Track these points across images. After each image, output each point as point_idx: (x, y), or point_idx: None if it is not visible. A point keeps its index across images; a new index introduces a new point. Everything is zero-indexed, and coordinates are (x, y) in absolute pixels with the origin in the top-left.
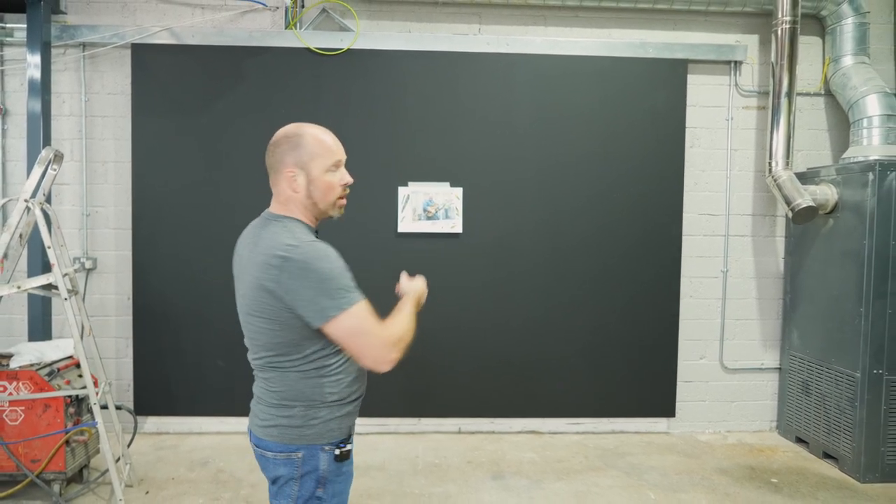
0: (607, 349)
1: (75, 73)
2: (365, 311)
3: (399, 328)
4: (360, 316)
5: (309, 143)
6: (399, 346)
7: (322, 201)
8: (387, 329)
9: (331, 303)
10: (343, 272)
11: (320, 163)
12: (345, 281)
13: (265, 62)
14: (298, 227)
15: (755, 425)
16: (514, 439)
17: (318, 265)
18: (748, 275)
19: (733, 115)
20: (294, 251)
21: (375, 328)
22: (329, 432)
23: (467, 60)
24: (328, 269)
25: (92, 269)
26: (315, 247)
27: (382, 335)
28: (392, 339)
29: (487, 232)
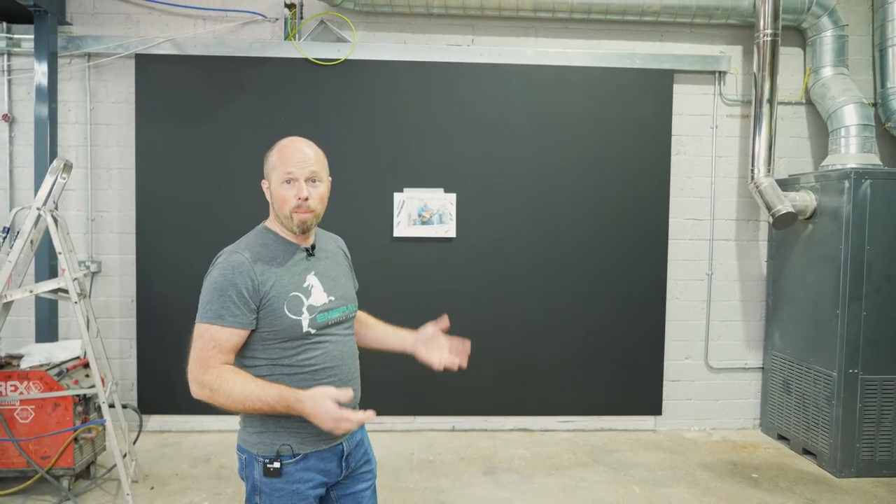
0: (596, 350)
1: (80, 83)
2: (207, 334)
3: (222, 385)
4: (199, 335)
5: (273, 154)
6: (203, 392)
7: (279, 212)
8: (205, 370)
9: (199, 309)
10: (225, 291)
11: (276, 175)
12: (217, 298)
13: (265, 72)
14: (254, 238)
15: (739, 423)
16: (507, 437)
17: (211, 274)
18: (732, 277)
19: (718, 123)
20: (217, 258)
21: (197, 355)
22: (261, 444)
23: (461, 70)
24: (211, 281)
25: (97, 273)
26: (225, 259)
27: (194, 367)
28: (199, 380)
29: (480, 236)
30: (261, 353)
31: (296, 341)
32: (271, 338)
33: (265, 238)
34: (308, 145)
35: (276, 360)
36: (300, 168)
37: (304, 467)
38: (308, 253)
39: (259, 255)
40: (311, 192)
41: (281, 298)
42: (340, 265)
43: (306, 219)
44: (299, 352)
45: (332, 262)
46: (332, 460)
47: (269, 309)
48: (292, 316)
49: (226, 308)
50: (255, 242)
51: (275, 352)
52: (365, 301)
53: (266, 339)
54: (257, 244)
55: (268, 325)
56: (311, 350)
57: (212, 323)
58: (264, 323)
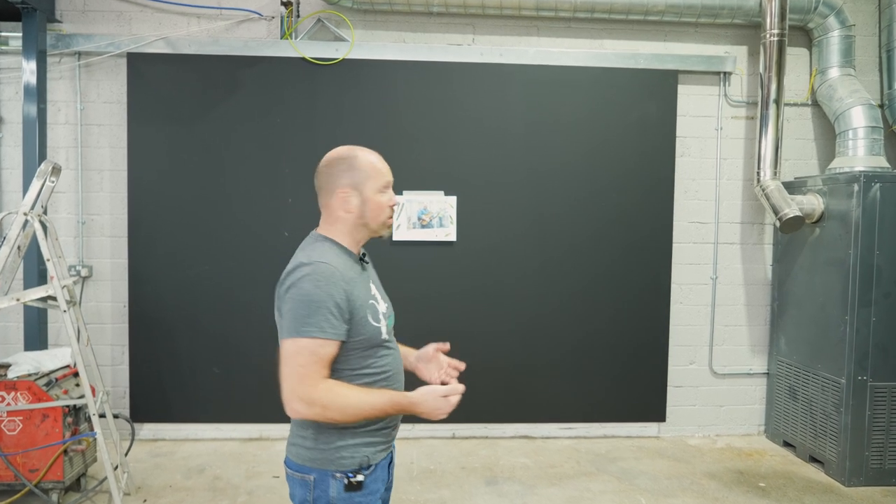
0: (599, 355)
1: (71, 82)
2: (309, 351)
3: (335, 400)
4: (298, 352)
5: (363, 165)
6: (312, 410)
7: (374, 221)
8: (314, 387)
9: (290, 324)
10: (323, 303)
11: (372, 184)
12: (317, 312)
13: (260, 72)
14: (328, 249)
15: (743, 429)
16: (508, 444)
17: (304, 285)
18: (737, 282)
19: (723, 124)
20: (300, 269)
21: (300, 372)
22: (339, 460)
23: (461, 70)
24: (304, 294)
25: (87, 277)
26: (317, 268)
27: (300, 385)
28: (307, 398)
29: (481, 240)
30: (342, 364)
31: (375, 349)
32: (355, 347)
33: (338, 249)
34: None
35: (356, 369)
36: (391, 176)
37: (374, 477)
38: (363, 262)
39: (343, 266)
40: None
41: (364, 307)
42: (376, 274)
43: (392, 223)
44: (378, 358)
45: (373, 270)
46: (385, 468)
47: (357, 318)
48: (374, 323)
49: (325, 320)
50: (330, 252)
51: (356, 360)
52: None
53: (349, 349)
54: (332, 254)
55: (355, 334)
56: (385, 356)
57: (312, 337)
58: (353, 332)
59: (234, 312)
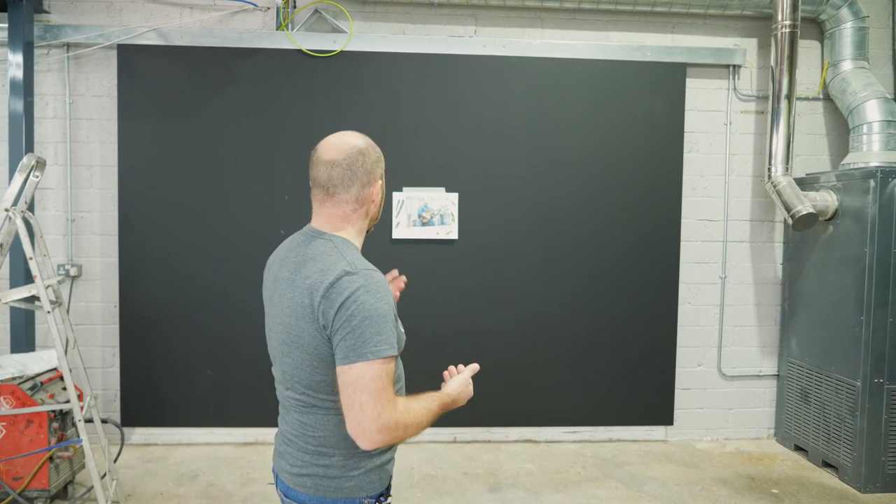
0: (605, 356)
1: (59, 75)
2: (385, 371)
3: (412, 418)
4: (376, 374)
5: (380, 157)
6: (394, 435)
7: (376, 216)
8: (395, 409)
9: (358, 345)
10: (388, 314)
11: (382, 175)
12: (386, 326)
13: (256, 64)
14: (351, 250)
15: (753, 432)
16: (511, 448)
17: (365, 298)
18: (746, 281)
19: (732, 119)
20: (347, 280)
21: (382, 397)
22: (369, 484)
23: (463, 63)
24: (373, 308)
25: (77, 277)
26: (371, 277)
27: (384, 410)
28: (392, 422)
29: (484, 238)
30: None
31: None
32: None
33: (356, 251)
34: None
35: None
36: None
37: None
38: None
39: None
40: None
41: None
42: None
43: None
44: (398, 365)
45: None
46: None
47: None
48: (401, 329)
49: (392, 335)
50: (361, 257)
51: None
52: None
53: None
54: (364, 259)
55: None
56: (399, 362)
57: (385, 357)
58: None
59: (229, 312)
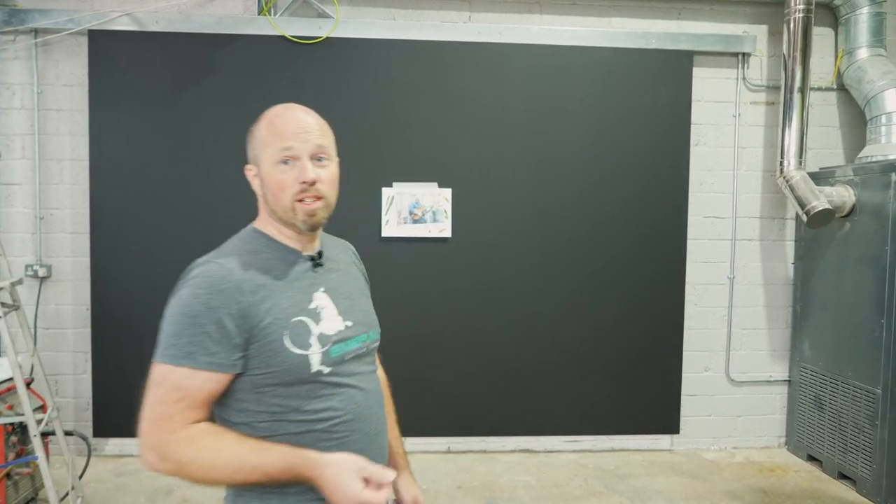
0: (607, 361)
1: (27, 63)
2: (172, 383)
3: (196, 455)
4: (158, 382)
5: (262, 128)
6: (163, 466)
7: (275, 205)
8: (170, 435)
9: (159, 346)
10: (196, 318)
11: (268, 153)
12: (186, 329)
13: (236, 51)
14: (242, 242)
15: (763, 441)
16: (508, 459)
17: (180, 294)
18: (756, 281)
19: (741, 110)
20: (190, 271)
21: (156, 411)
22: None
23: (457, 50)
24: (179, 305)
25: (46, 277)
26: (207, 270)
27: (152, 429)
28: (159, 448)
29: (479, 236)
30: (254, 405)
31: (303, 385)
32: (268, 382)
33: (256, 243)
34: (308, 113)
35: (277, 415)
36: (302, 141)
37: None
38: (314, 262)
39: (249, 266)
40: (318, 173)
41: (281, 326)
42: (356, 279)
43: (315, 209)
44: (309, 400)
45: (344, 274)
46: None
47: (264, 342)
48: (297, 350)
49: (198, 343)
50: (242, 249)
51: (274, 402)
52: None
53: (261, 385)
54: (245, 252)
55: (263, 365)
56: (326, 397)
57: (178, 364)
58: (258, 362)
59: None
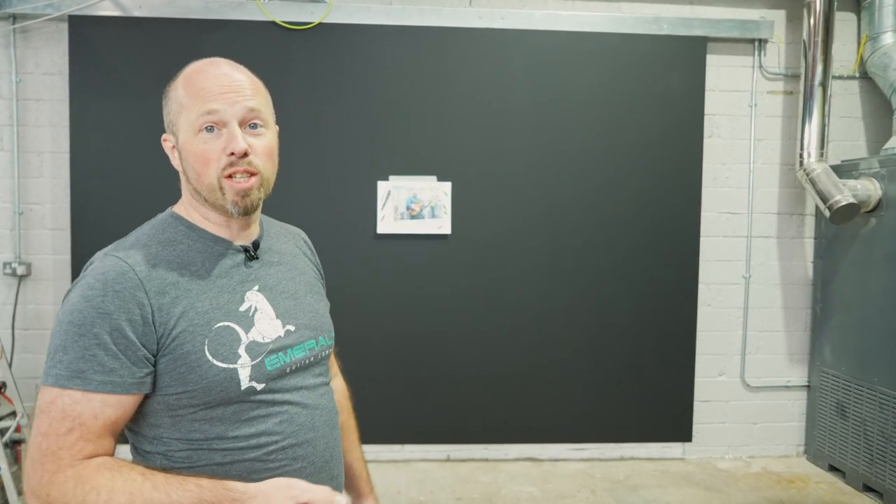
0: (615, 365)
1: (5, 50)
2: (54, 408)
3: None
4: (44, 408)
5: (178, 88)
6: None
7: (198, 183)
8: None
9: (46, 362)
10: (85, 328)
11: (187, 119)
12: (73, 343)
13: (224, 37)
14: (153, 230)
15: (780, 450)
16: (511, 468)
17: (72, 295)
18: (773, 281)
19: (757, 100)
20: (85, 268)
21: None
22: None
23: (456, 37)
24: (71, 309)
25: (26, 276)
26: (100, 266)
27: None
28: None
29: (480, 233)
30: (169, 431)
31: (230, 406)
32: (185, 403)
33: (171, 232)
34: (237, 68)
35: (198, 442)
36: (229, 103)
37: None
38: (248, 255)
39: (159, 261)
40: (251, 142)
41: (198, 334)
42: (303, 273)
43: (248, 189)
44: (237, 424)
45: (288, 268)
46: None
47: (176, 354)
48: (219, 363)
49: (91, 359)
50: (151, 239)
51: (194, 427)
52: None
53: (176, 408)
54: (156, 242)
55: (177, 383)
56: (259, 420)
57: (65, 387)
58: (171, 379)
59: None
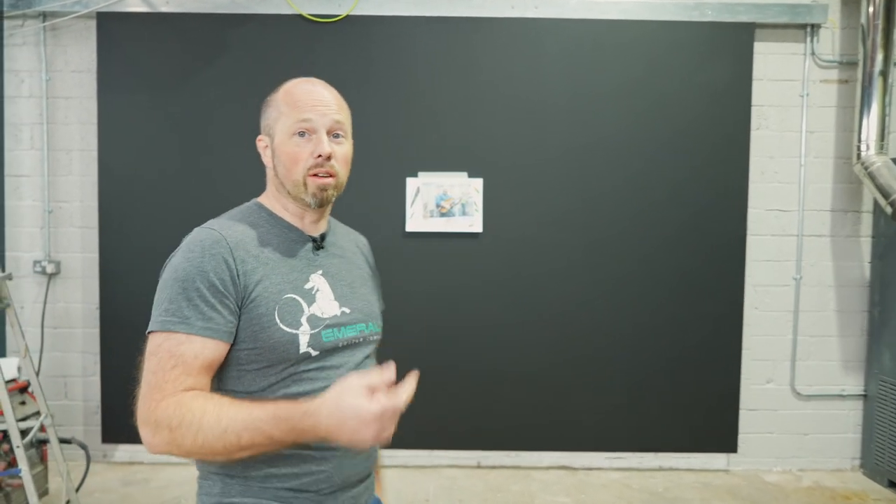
0: (655, 370)
1: (35, 48)
2: (163, 349)
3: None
4: (152, 351)
5: (279, 98)
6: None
7: (287, 179)
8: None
9: (152, 311)
10: (188, 281)
11: (283, 124)
12: (178, 294)
13: (251, 32)
14: (241, 213)
15: (834, 463)
16: (543, 477)
17: (174, 259)
18: (826, 282)
19: (809, 90)
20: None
21: (149, 381)
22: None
23: (488, 27)
24: (171, 270)
25: (55, 274)
26: (198, 234)
27: (145, 399)
28: (153, 417)
29: (513, 232)
30: (233, 384)
31: (288, 366)
32: (253, 359)
33: (256, 217)
34: (328, 88)
35: (255, 395)
36: (320, 115)
37: None
38: (315, 244)
39: (244, 236)
40: (334, 149)
41: (271, 300)
42: (359, 269)
43: (327, 185)
44: (293, 383)
45: (347, 262)
46: None
47: (252, 315)
48: (285, 328)
49: (194, 308)
50: (240, 219)
51: (255, 382)
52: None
53: (243, 363)
54: (244, 222)
55: (249, 339)
56: (310, 381)
57: (172, 331)
58: (245, 335)
59: None
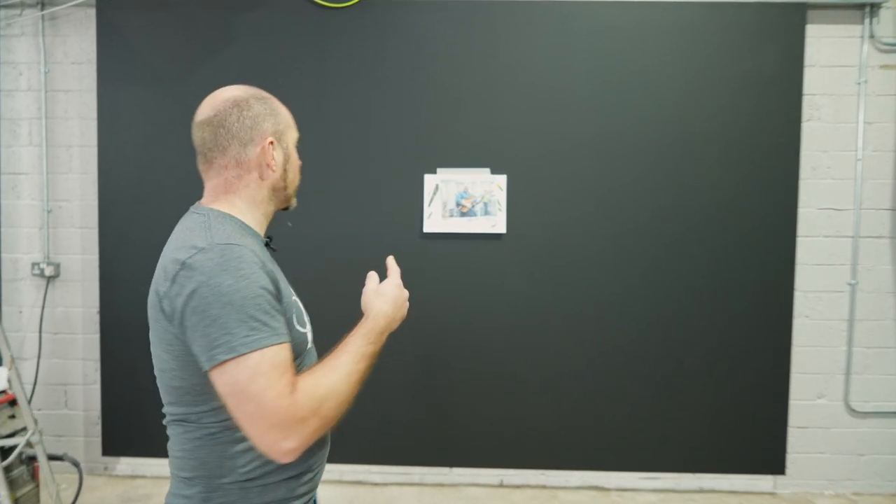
0: (695, 384)
1: (33, 39)
2: (267, 364)
3: (319, 392)
4: (254, 373)
5: (282, 110)
6: (308, 428)
7: (291, 186)
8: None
9: (222, 338)
10: (258, 296)
11: (291, 137)
12: (254, 313)
13: (258, 18)
14: (224, 223)
15: (892, 487)
16: (572, 498)
17: (220, 279)
18: (885, 289)
19: (868, 76)
20: (197, 256)
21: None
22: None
23: (510, 12)
24: (231, 288)
25: (54, 277)
26: (228, 253)
27: (281, 411)
28: (299, 416)
29: (539, 232)
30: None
31: (296, 359)
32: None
33: (240, 227)
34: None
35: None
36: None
37: None
38: (269, 247)
39: (255, 248)
40: None
41: (289, 304)
42: None
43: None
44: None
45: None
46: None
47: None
48: (300, 328)
49: (272, 318)
50: (236, 231)
51: None
52: None
53: None
54: (242, 234)
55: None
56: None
57: (265, 346)
58: None
59: None
